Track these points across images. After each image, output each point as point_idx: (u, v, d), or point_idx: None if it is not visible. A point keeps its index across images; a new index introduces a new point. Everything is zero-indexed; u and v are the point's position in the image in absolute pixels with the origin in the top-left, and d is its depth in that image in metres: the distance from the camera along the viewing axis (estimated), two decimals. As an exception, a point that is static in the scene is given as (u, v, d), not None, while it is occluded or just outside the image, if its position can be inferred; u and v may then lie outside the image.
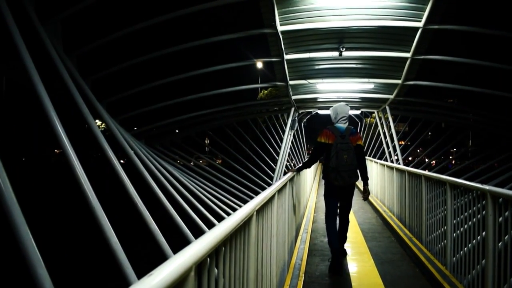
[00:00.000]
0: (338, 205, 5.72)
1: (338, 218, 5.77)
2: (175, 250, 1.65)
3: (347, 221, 5.90)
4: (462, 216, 4.62)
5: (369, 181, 5.94)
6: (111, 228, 5.25)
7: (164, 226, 8.97)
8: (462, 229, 4.59)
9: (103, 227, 5.19)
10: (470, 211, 4.36)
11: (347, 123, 5.58)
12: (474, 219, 4.21)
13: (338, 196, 5.65)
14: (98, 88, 11.60)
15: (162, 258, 6.80)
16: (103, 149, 7.00)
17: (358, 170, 5.59)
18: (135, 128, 15.70)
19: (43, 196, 24.40)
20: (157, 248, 7.21)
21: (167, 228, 9.02)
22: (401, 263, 5.92)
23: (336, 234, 5.60)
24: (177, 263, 1.32)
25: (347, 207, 5.78)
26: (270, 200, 3.83)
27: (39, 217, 19.57)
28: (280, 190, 4.57)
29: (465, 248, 4.43)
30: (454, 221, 4.88)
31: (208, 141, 31.94)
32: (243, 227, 2.56)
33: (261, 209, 3.26)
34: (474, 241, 4.19)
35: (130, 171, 9.08)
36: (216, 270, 1.94)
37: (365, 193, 5.85)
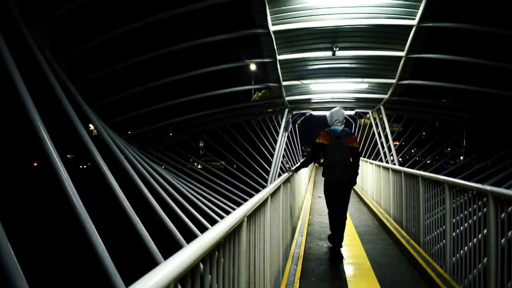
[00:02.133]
0: (336, 200, 6.20)
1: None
2: (167, 255, 1.50)
3: (344, 218, 6.18)
4: (462, 215, 4.51)
5: (364, 183, 6.45)
6: (98, 236, 5.06)
7: (157, 231, 8.81)
8: (461, 228, 4.47)
9: (90, 235, 5.00)
10: (470, 209, 4.23)
11: (343, 126, 6.17)
12: (475, 217, 4.09)
13: (334, 191, 6.17)
14: (88, 91, 11.39)
15: (152, 263, 6.62)
16: (91, 154, 6.81)
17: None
18: (129, 132, 15.52)
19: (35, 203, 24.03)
20: (148, 254, 7.02)
21: (160, 233, 8.85)
22: (399, 266, 5.77)
23: (336, 224, 6.20)
24: (153, 281, 1.16)
25: (343, 203, 6.16)
26: (263, 204, 3.67)
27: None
28: (273, 194, 4.42)
29: (466, 247, 4.31)
30: (454, 220, 4.75)
31: (202, 144, 31.72)
32: (233, 234, 2.41)
33: (253, 214, 3.11)
34: (475, 239, 4.07)
35: (122, 176, 8.91)
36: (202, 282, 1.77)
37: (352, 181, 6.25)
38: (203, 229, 10.97)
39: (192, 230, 10.12)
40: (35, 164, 48.17)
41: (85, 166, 44.78)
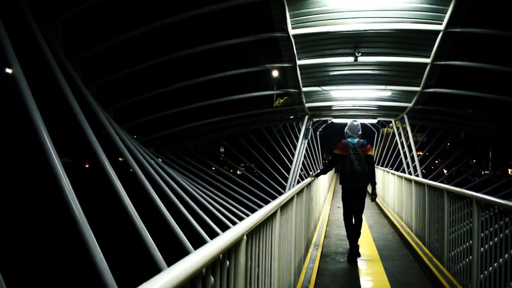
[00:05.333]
0: (353, 205, 6.74)
1: (353, 216, 6.77)
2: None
3: (361, 219, 6.78)
4: (491, 229, 4.16)
5: (386, 194, 6.88)
6: (97, 245, 4.78)
7: (166, 237, 8.57)
8: (491, 243, 4.11)
9: (88, 243, 4.72)
10: (501, 223, 3.91)
11: (358, 138, 6.71)
12: (507, 231, 3.77)
13: (353, 197, 6.67)
14: (105, 93, 11.27)
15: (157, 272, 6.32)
16: (98, 157, 6.59)
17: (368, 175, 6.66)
18: (148, 136, 15.40)
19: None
20: (152, 263, 6.73)
21: (170, 239, 8.61)
22: (421, 287, 5.34)
23: (354, 229, 6.69)
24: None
25: (360, 207, 6.73)
26: (271, 217, 3.33)
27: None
28: (284, 205, 4.06)
29: (495, 264, 3.97)
30: (482, 234, 4.33)
31: (223, 150, 31.53)
32: (227, 255, 2.08)
33: (257, 230, 2.78)
34: (506, 255, 3.76)
35: (133, 179, 8.70)
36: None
37: (373, 195, 7.01)
38: (214, 235, 10.69)
39: (203, 237, 9.84)
40: (86, 166, 48.75)
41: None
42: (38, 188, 23.29)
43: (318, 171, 7.63)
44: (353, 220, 6.76)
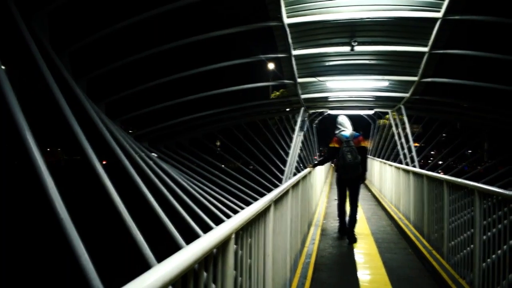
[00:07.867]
0: (347, 193, 7.40)
1: (348, 204, 7.37)
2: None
3: (356, 207, 7.28)
4: (491, 219, 4.04)
5: (383, 185, 7.93)
6: (82, 244, 4.56)
7: (161, 235, 8.39)
8: (494, 231, 4.01)
9: (72, 242, 4.51)
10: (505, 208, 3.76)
11: (350, 131, 7.25)
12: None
13: (346, 186, 7.38)
14: (96, 87, 11.02)
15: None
16: (84, 151, 6.37)
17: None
18: (145, 130, 15.20)
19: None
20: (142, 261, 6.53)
21: (165, 236, 8.44)
22: (420, 280, 5.19)
23: (344, 212, 7.49)
24: None
25: (355, 195, 7.32)
26: (264, 213, 3.13)
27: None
28: (279, 200, 3.87)
29: (500, 251, 3.85)
30: (484, 237, 4.16)
31: (219, 143, 31.35)
32: (212, 258, 1.88)
33: (248, 227, 2.59)
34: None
35: (123, 173, 8.49)
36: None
37: (361, 178, 7.43)
38: (208, 229, 10.54)
39: (196, 232, 9.67)
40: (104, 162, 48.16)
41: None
42: (17, 185, 22.90)
43: (316, 162, 8.37)
44: (349, 208, 7.29)
